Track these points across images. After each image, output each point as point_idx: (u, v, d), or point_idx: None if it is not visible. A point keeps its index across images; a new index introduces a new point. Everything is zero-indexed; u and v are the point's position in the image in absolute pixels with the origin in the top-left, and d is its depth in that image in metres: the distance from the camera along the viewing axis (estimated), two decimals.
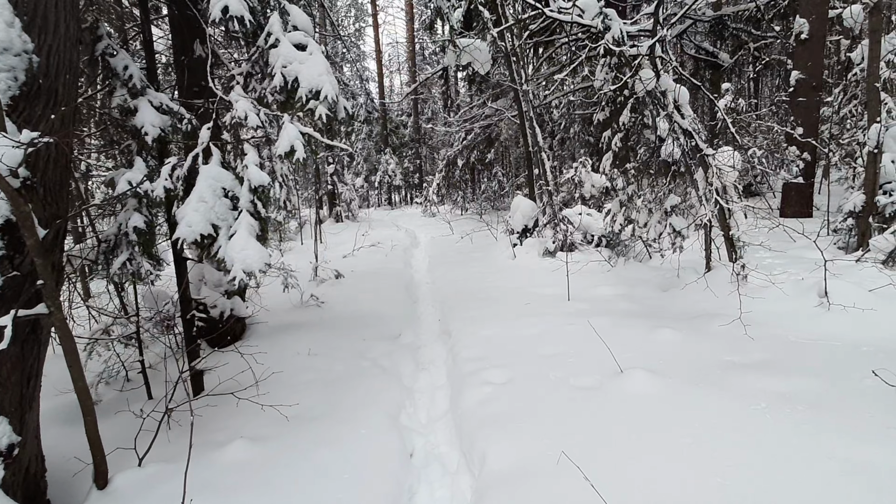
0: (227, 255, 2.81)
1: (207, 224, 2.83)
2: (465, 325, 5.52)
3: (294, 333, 5.49)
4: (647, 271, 6.56)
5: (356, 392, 4.13)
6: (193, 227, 2.79)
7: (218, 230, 2.88)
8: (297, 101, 3.21)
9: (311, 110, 3.19)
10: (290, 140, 2.94)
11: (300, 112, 3.26)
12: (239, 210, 2.91)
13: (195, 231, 2.79)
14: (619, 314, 5.14)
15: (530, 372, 3.98)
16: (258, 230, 2.90)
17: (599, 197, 9.16)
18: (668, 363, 3.77)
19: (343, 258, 10.09)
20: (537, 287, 6.66)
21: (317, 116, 3.17)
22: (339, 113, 3.36)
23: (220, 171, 2.96)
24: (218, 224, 2.87)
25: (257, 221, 2.91)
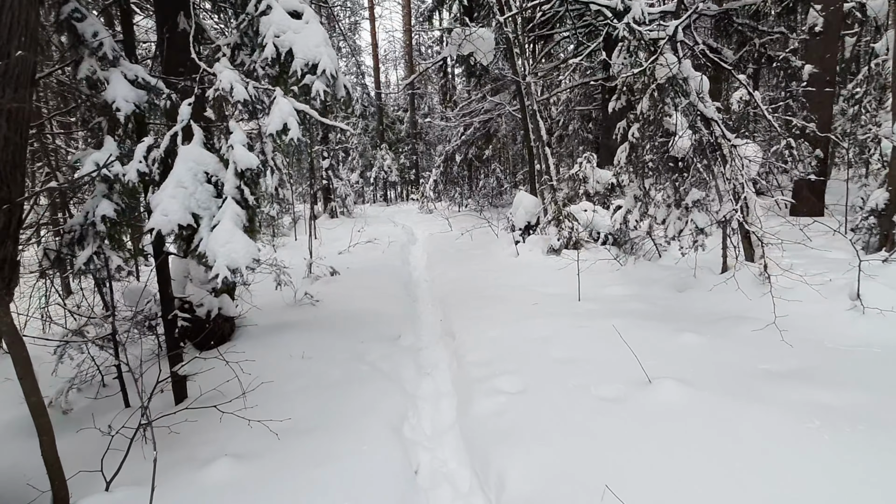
0: (208, 248, 2.42)
1: (186, 213, 2.44)
2: (470, 325, 5.16)
3: (287, 334, 5.10)
4: (658, 270, 6.22)
5: (354, 400, 3.75)
6: (170, 216, 2.40)
7: (199, 220, 2.49)
8: (290, 76, 2.82)
9: (307, 87, 2.80)
10: (283, 117, 2.55)
11: (294, 88, 2.87)
12: (223, 197, 2.52)
13: (172, 221, 2.40)
14: (634, 316, 4.79)
15: (545, 379, 3.62)
16: (245, 220, 2.51)
17: (605, 193, 8.82)
18: (697, 371, 3.42)
19: (339, 254, 9.69)
20: (543, 286, 6.30)
21: (313, 94, 2.78)
22: (338, 91, 2.97)
23: (202, 152, 2.57)
24: (199, 213, 2.49)
25: (244, 211, 2.52)
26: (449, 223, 12.45)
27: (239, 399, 3.63)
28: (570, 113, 18.13)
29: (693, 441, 2.63)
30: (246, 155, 2.56)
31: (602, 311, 4.99)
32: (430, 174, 17.02)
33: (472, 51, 8.16)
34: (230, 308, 4.85)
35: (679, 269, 6.07)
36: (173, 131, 2.63)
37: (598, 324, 4.60)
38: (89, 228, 2.77)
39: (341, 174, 17.33)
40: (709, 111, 4.33)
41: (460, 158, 15.35)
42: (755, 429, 2.65)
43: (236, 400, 3.37)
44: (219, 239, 2.39)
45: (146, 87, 2.86)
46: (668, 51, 4.47)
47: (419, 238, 12.05)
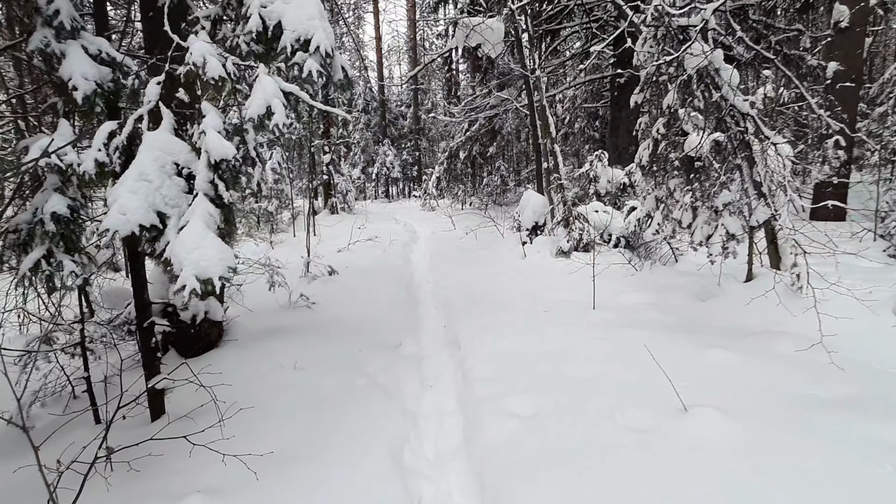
0: (173, 254, 2.02)
1: (150, 211, 2.04)
2: (476, 334, 4.75)
3: (279, 340, 4.70)
4: (676, 277, 5.81)
5: (349, 419, 3.35)
6: (129, 214, 1.99)
7: (166, 220, 2.08)
8: (279, 53, 2.41)
9: (298, 65, 2.39)
10: (267, 98, 2.14)
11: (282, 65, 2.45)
12: (194, 194, 2.12)
13: (131, 221, 2.00)
14: (655, 327, 4.38)
15: (563, 401, 3.21)
16: (220, 221, 2.11)
17: (616, 193, 8.40)
18: (737, 397, 3.02)
19: (338, 252, 9.28)
20: (554, 291, 5.89)
21: (305, 73, 2.37)
22: (334, 72, 2.55)
23: (171, 139, 2.16)
24: (166, 212, 2.08)
25: (219, 209, 2.11)
26: (452, 221, 12.03)
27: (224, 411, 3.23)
28: (575, 111, 17.67)
29: (744, 488, 2.23)
30: (220, 143, 2.15)
31: (620, 322, 4.58)
32: (433, 171, 16.59)
33: (479, 42, 7.72)
34: (217, 312, 4.45)
35: (699, 275, 5.65)
36: (138, 114, 2.22)
37: (617, 336, 4.20)
38: (37, 227, 2.36)
39: (343, 170, 16.91)
40: (744, 105, 3.91)
41: (464, 155, 14.92)
42: (817, 474, 2.24)
43: (218, 420, 2.96)
44: (185, 243, 1.98)
45: (111, 63, 2.45)
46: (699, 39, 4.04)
47: (421, 236, 11.64)
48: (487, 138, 14.45)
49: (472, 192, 15.60)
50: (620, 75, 12.39)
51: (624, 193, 8.26)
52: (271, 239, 10.48)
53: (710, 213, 4.13)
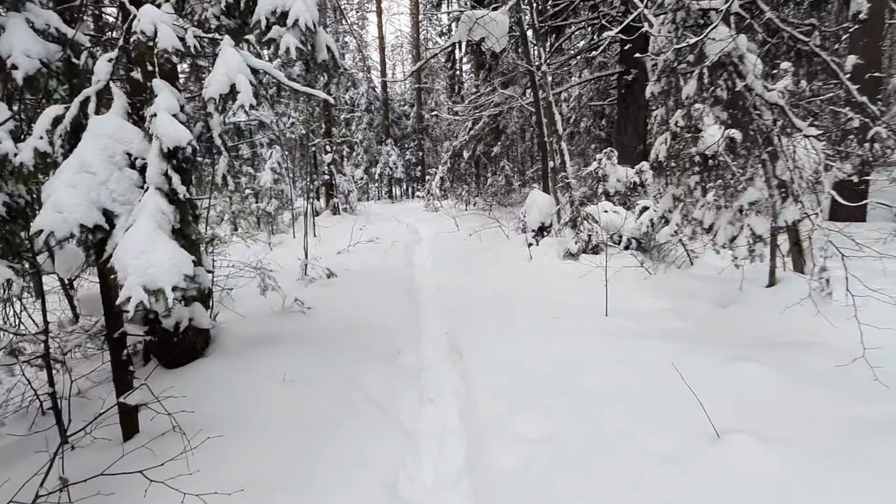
0: (116, 259, 1.69)
1: (93, 209, 1.71)
2: (480, 342, 4.41)
3: (270, 349, 4.36)
4: (693, 281, 5.44)
5: (340, 442, 3.01)
6: (67, 212, 1.67)
7: (115, 219, 1.75)
8: (253, 27, 2.08)
9: (275, 41, 2.06)
10: (231, 74, 1.81)
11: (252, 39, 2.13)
12: (145, 188, 1.79)
13: (69, 220, 1.67)
14: (676, 336, 4.02)
15: (578, 422, 2.86)
16: (175, 221, 1.78)
17: (625, 193, 8.03)
18: (776, 420, 2.66)
19: (337, 254, 8.96)
20: (562, 295, 5.53)
21: (282, 50, 2.04)
22: (318, 52, 2.22)
23: (122, 125, 1.84)
24: (114, 210, 1.76)
25: (173, 206, 1.78)
26: (456, 222, 11.69)
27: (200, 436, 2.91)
28: (581, 109, 17.29)
29: None
30: (173, 127, 1.81)
31: (636, 330, 4.23)
32: (437, 171, 16.25)
33: (483, 36, 7.37)
34: (203, 319, 4.12)
35: (718, 279, 5.29)
36: (84, 95, 1.90)
37: (634, 346, 3.84)
38: None
39: (345, 170, 16.60)
40: (771, 95, 3.56)
41: (468, 155, 14.56)
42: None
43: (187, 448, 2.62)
44: (130, 247, 1.66)
45: (61, 39, 2.13)
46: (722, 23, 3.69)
47: (424, 238, 11.30)
48: (492, 137, 14.09)
49: (476, 193, 15.24)
50: (627, 73, 12.05)
51: (634, 193, 7.90)
52: (270, 240, 10.17)
53: (735, 213, 3.77)
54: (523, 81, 12.51)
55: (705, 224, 3.88)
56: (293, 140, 14.16)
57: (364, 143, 21.17)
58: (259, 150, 12.19)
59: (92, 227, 1.74)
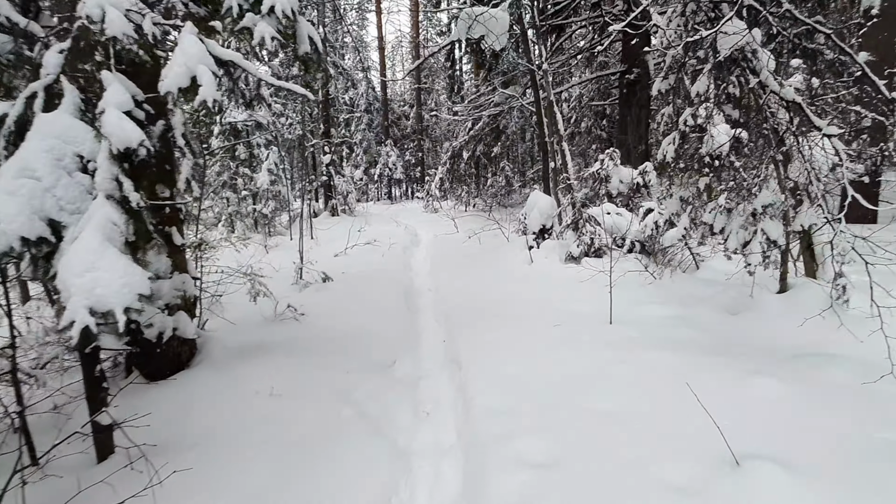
0: (59, 278, 1.47)
1: (36, 219, 1.49)
2: (479, 352, 4.19)
3: (259, 359, 4.14)
4: (700, 286, 5.21)
5: (328, 464, 2.79)
6: (5, 223, 1.44)
7: (63, 231, 1.53)
8: (224, 15, 1.85)
9: (248, 30, 1.83)
10: (191, 65, 1.58)
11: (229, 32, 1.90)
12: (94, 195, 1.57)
13: (9, 233, 1.44)
14: (685, 347, 3.79)
15: (585, 446, 2.63)
16: (127, 232, 1.55)
17: (628, 194, 7.81)
18: (799, 444, 2.43)
19: (335, 257, 8.74)
20: (565, 301, 5.31)
21: (256, 40, 1.81)
22: (300, 43, 1.99)
23: (72, 124, 1.61)
24: (62, 220, 1.53)
25: (127, 216, 1.56)
26: (455, 224, 11.47)
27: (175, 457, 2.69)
28: (582, 110, 17.05)
29: None
30: (121, 126, 1.58)
31: (643, 340, 4.00)
32: (436, 172, 16.03)
33: (483, 33, 7.15)
34: (188, 328, 3.90)
35: (725, 285, 5.05)
36: (30, 91, 1.67)
37: (642, 358, 3.62)
38: None
39: (344, 171, 16.39)
40: (788, 92, 3.33)
41: (468, 155, 14.34)
42: None
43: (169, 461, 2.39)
44: (74, 263, 1.43)
45: (11, 30, 1.90)
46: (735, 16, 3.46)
47: (423, 240, 11.08)
48: (492, 137, 13.87)
49: (475, 194, 15.02)
50: (629, 71, 11.81)
51: (637, 194, 7.67)
52: (266, 243, 9.94)
53: (747, 217, 3.55)
54: (524, 81, 12.29)
55: (716, 228, 3.65)
56: (291, 141, 13.95)
57: (363, 144, 20.96)
58: (256, 150, 11.97)
59: (35, 239, 1.52)
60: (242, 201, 11.42)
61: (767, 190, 3.45)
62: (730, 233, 3.63)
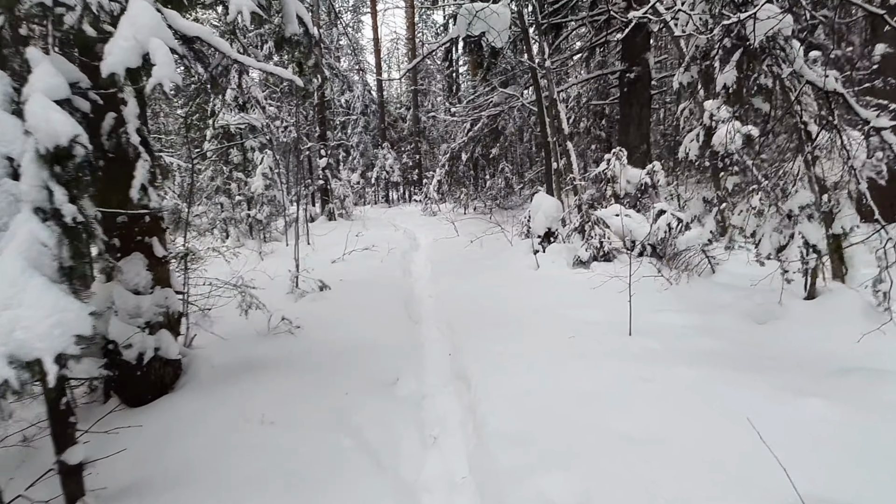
0: None
1: None
2: (488, 367, 3.85)
3: (249, 380, 3.78)
4: (719, 292, 4.88)
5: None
6: None
7: None
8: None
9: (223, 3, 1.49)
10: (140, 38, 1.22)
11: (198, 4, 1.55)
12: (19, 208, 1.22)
13: None
14: (714, 361, 3.46)
15: (620, 481, 2.29)
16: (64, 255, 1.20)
17: (636, 195, 7.48)
18: (867, 482, 2.09)
19: (332, 263, 8.36)
20: (576, 309, 4.97)
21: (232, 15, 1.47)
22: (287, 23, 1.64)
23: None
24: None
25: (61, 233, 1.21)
26: (455, 227, 11.12)
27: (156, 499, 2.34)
28: (581, 110, 16.76)
29: None
30: (46, 118, 1.23)
31: (667, 353, 3.66)
32: (434, 174, 15.69)
33: (484, 30, 6.82)
34: (171, 348, 3.54)
35: (746, 290, 4.73)
36: None
37: (669, 374, 3.28)
38: None
39: (340, 174, 16.03)
40: (827, 82, 3.01)
41: (466, 157, 14.00)
42: None
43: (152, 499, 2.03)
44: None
45: None
46: None
47: (422, 244, 10.73)
48: (490, 139, 13.53)
49: (474, 196, 14.68)
50: (630, 70, 11.51)
51: (644, 195, 7.34)
52: (261, 249, 9.58)
53: (782, 219, 3.22)
54: (523, 80, 11.97)
55: (746, 231, 3.32)
56: (287, 144, 13.59)
57: (360, 147, 20.62)
58: (251, 154, 11.60)
59: None
60: (237, 206, 11.05)
61: (805, 189, 3.13)
62: (762, 236, 3.31)
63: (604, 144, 17.61)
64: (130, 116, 1.60)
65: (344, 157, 20.87)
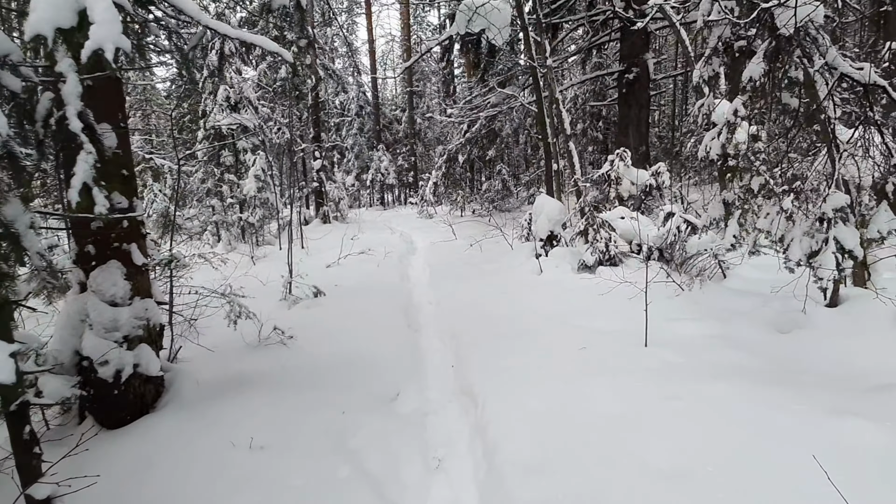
0: None
1: None
2: (497, 382, 3.57)
3: (237, 398, 3.48)
4: (735, 298, 4.63)
5: None
6: None
7: None
8: None
9: None
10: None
11: None
12: None
13: None
14: (740, 376, 3.19)
15: None
16: None
17: (640, 197, 7.24)
18: None
19: (327, 268, 8.08)
20: (585, 317, 4.70)
21: None
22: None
23: None
24: None
25: None
26: (453, 230, 10.84)
27: None
28: (577, 112, 16.56)
29: None
30: None
31: (688, 367, 3.40)
32: (430, 176, 15.41)
33: (484, 27, 6.56)
34: (152, 364, 3.24)
35: (764, 297, 4.49)
36: None
37: (693, 391, 3.01)
38: None
39: (336, 177, 15.70)
40: (864, 73, 2.77)
41: (463, 159, 13.73)
42: None
43: None
44: None
45: None
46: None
47: (419, 247, 10.44)
48: (487, 140, 13.27)
49: (471, 199, 14.41)
50: (629, 70, 11.30)
51: (649, 196, 7.10)
52: (253, 253, 9.25)
53: (813, 223, 2.97)
54: (522, 81, 11.73)
55: (774, 235, 3.06)
56: (280, 146, 13.26)
57: (355, 149, 20.29)
58: (243, 156, 11.27)
59: None
60: (229, 209, 10.71)
61: (840, 191, 2.88)
62: (791, 241, 3.06)
63: (600, 146, 17.43)
64: (70, 96, 1.31)
65: (339, 159, 20.55)
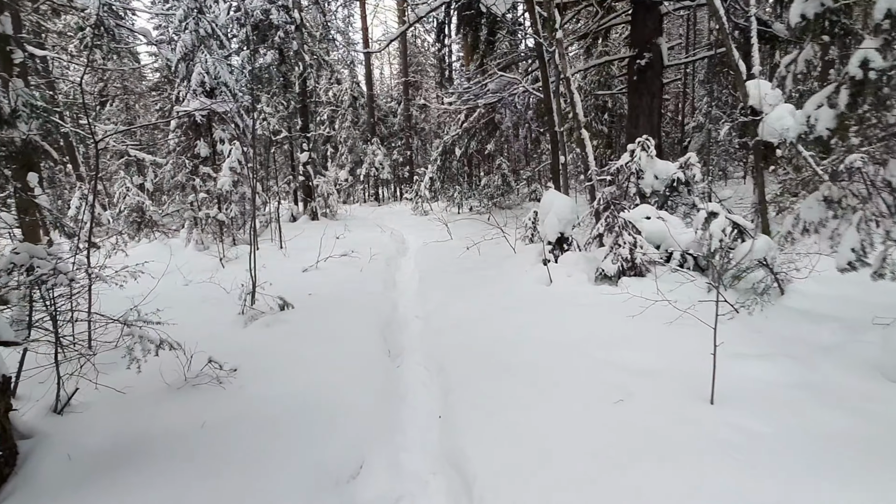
0: None
1: None
2: (500, 452, 2.47)
3: (126, 480, 2.34)
4: (805, 324, 3.51)
5: None
6: None
7: None
8: None
9: None
10: None
11: None
12: None
13: None
14: (856, 462, 2.08)
15: None
16: None
17: (664, 193, 6.10)
18: None
19: (303, 272, 6.93)
20: (614, 348, 3.55)
21: None
22: None
23: None
24: None
25: None
26: (448, 229, 9.69)
27: None
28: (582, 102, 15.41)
29: None
30: None
31: (777, 442, 2.27)
32: (426, 171, 14.25)
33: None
34: None
35: (841, 321, 3.37)
36: None
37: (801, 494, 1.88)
38: None
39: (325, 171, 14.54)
40: None
41: (460, 152, 12.56)
42: None
43: None
44: None
45: None
46: None
47: (411, 247, 9.31)
48: (486, 132, 12.10)
49: (469, 194, 13.25)
50: (640, 56, 10.15)
51: (675, 193, 5.97)
52: (223, 255, 8.10)
53: None
54: (523, 66, 10.54)
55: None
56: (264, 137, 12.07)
57: (348, 143, 19.09)
58: (220, 146, 10.10)
59: None
60: (202, 205, 9.54)
61: None
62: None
63: (605, 138, 16.27)
64: None
65: (332, 153, 19.38)
